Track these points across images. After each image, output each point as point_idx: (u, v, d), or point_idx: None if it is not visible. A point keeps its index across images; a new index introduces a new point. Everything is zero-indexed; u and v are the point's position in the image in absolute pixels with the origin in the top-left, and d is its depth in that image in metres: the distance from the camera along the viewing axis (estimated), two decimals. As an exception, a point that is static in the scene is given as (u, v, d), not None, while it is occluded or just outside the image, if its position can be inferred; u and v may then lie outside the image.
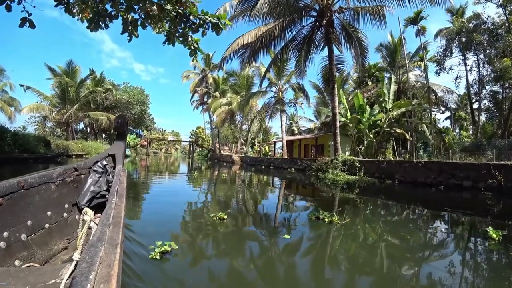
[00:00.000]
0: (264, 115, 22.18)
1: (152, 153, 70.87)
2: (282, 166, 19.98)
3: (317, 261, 3.26)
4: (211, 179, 13.61)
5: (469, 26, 23.62)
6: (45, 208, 1.93)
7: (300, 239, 3.88)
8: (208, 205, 6.58)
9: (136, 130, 52.07)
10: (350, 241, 3.95)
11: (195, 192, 9.12)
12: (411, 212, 6.51)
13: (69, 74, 30.29)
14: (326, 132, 25.27)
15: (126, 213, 1.69)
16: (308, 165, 16.54)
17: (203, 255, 3.17)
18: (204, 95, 40.63)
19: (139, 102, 40.53)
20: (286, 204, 7.05)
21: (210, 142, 58.87)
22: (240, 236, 4.11)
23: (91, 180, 2.48)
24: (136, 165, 22.05)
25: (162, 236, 3.25)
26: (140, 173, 14.88)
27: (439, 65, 23.95)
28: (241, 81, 31.26)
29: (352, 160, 13.68)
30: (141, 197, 6.96)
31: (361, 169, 13.11)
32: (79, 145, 20.82)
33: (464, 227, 5.10)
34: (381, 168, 12.53)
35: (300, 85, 21.02)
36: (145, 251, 2.88)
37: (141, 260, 2.69)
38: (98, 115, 31.98)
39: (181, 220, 4.83)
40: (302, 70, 18.24)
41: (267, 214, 5.81)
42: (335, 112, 14.62)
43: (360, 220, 5.08)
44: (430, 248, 3.82)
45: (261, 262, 3.10)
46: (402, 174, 11.64)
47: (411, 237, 4.11)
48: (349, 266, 3.09)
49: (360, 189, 9.84)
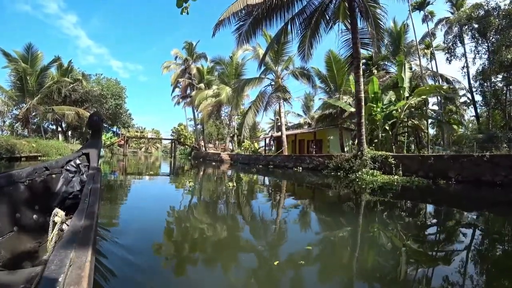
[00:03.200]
0: (259, 106, 19.15)
1: (131, 152, 66.04)
2: (285, 164, 17.03)
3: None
4: (198, 186, 10.49)
5: (480, 12, 22.09)
6: (14, 210, 1.85)
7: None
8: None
9: (112, 128, 47.23)
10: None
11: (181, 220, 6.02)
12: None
13: (28, 60, 25.69)
14: (329, 125, 22.70)
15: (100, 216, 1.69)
16: (321, 163, 13.72)
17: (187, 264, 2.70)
18: (187, 87, 36.96)
19: (114, 96, 35.99)
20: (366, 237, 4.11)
21: (193, 140, 55.22)
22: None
23: (63, 180, 2.38)
24: (111, 166, 18.40)
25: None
26: (109, 177, 11.47)
27: (450, 52, 22.11)
28: (230, 70, 27.98)
29: (384, 155, 11.00)
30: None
31: (398, 167, 10.46)
32: (33, 144, 16.62)
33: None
34: (427, 165, 9.93)
35: (305, 69, 18.11)
36: (123, 252, 2.64)
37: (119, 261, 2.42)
38: (65, 109, 27.51)
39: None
40: (307, 52, 15.41)
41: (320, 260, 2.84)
42: (359, 97, 11.87)
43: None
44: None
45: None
46: (459, 171, 9.07)
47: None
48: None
49: (422, 194, 7.12)
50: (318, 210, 5.65)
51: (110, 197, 6.15)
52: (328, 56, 19.21)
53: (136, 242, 3.11)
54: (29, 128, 27.93)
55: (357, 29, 12.22)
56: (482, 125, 23.10)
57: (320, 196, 7.52)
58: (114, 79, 37.88)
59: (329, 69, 19.54)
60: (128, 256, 2.58)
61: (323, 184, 9.67)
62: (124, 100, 39.05)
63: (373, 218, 4.78)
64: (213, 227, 3.98)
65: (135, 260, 2.53)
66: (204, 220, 4.50)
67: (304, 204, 6.24)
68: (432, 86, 14.89)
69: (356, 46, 12.07)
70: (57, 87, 26.71)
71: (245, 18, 13.31)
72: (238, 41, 13.64)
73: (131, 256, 2.58)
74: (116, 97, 36.43)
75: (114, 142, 45.67)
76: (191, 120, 54.67)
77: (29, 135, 26.33)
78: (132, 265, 2.43)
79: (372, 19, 13.45)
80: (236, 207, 5.66)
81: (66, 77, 29.75)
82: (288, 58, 20.18)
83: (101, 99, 34.05)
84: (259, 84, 19.21)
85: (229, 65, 28.09)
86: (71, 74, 31.13)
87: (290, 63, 20.22)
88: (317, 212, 5.44)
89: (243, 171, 15.75)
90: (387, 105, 16.62)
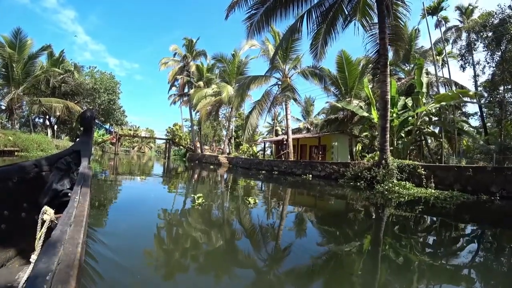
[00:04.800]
0: (264, 106, 17.75)
1: (123, 151, 63.82)
2: (292, 171, 15.55)
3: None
4: (216, 207, 9.06)
5: (494, 20, 21.34)
6: (1, 207, 1.86)
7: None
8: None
9: (104, 125, 45.20)
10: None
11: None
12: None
13: (15, 46, 23.82)
14: (335, 130, 21.42)
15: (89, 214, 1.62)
16: (335, 171, 12.34)
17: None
18: (185, 85, 35.40)
19: (107, 90, 34.11)
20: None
21: (188, 141, 53.53)
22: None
23: (53, 178, 2.28)
24: (99, 165, 16.76)
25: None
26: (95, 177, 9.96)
27: (463, 59, 21.21)
28: (231, 68, 26.55)
29: (413, 165, 9.68)
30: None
31: (429, 179, 9.16)
32: (9, 137, 14.73)
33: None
34: (465, 177, 8.64)
35: (317, 68, 16.73)
36: (112, 253, 2.62)
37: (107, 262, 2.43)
38: (53, 101, 25.57)
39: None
40: (320, 50, 14.16)
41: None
42: (386, 98, 10.57)
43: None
44: None
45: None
46: (502, 185, 7.81)
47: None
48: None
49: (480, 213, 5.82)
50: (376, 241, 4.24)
51: (99, 197, 5.86)
52: (339, 56, 18.00)
53: (125, 243, 3.07)
54: (13, 120, 25.94)
55: (386, 23, 10.96)
56: (492, 135, 22.17)
57: (361, 216, 6.13)
58: (108, 73, 36.06)
59: (340, 70, 18.31)
60: (116, 258, 2.54)
61: (349, 197, 8.29)
62: (118, 95, 37.20)
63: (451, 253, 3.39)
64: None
65: (123, 262, 2.50)
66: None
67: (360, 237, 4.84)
68: (455, 91, 13.73)
69: (384, 42, 10.80)
70: (45, 76, 24.80)
71: (257, 6, 12.01)
72: (248, 31, 12.32)
73: (119, 258, 2.55)
74: (110, 92, 34.59)
75: (105, 140, 43.61)
76: (186, 121, 53.09)
77: (12, 128, 24.38)
78: (120, 267, 2.40)
79: (392, 18, 12.35)
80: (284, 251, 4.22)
81: (57, 67, 27.90)
82: (296, 57, 18.90)
83: (93, 93, 32.21)
84: (265, 82, 17.86)
85: (231, 63, 26.67)
86: (62, 65, 29.28)
87: (298, 62, 18.92)
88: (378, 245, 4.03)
89: (248, 177, 14.13)
90: (403, 111, 15.47)
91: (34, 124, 30.90)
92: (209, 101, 26.76)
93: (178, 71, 35.11)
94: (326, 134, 22.41)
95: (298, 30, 13.31)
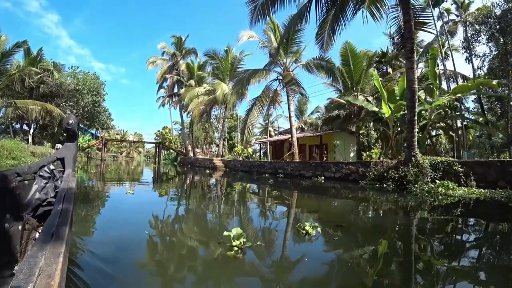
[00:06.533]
0: (265, 102, 16.23)
1: (111, 157, 60.99)
2: (301, 173, 13.96)
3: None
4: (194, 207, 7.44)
5: (495, 11, 20.65)
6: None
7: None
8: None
9: (90, 130, 42.66)
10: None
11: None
12: None
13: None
14: (337, 128, 20.11)
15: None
16: (353, 172, 10.88)
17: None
18: (174, 85, 33.56)
19: (91, 91, 31.85)
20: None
21: (178, 144, 51.45)
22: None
23: (36, 187, 2.12)
24: (85, 172, 14.86)
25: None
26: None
27: (469, 51, 20.34)
28: (225, 65, 24.90)
29: (447, 162, 8.36)
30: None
31: (468, 176, 7.85)
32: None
33: None
34: (509, 172, 7.43)
35: (323, 60, 15.20)
36: (99, 262, 2.45)
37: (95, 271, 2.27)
38: (29, 103, 23.36)
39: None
40: (327, 40, 12.76)
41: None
42: (413, 88, 9.20)
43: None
44: None
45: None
46: None
47: None
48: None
49: None
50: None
51: (85, 206, 5.38)
52: (344, 48, 16.66)
53: (114, 252, 2.89)
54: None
55: (410, 4, 9.63)
56: (498, 128, 21.39)
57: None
58: (92, 73, 33.78)
59: (344, 63, 16.97)
60: (104, 267, 2.39)
61: (392, 201, 6.82)
62: (103, 97, 34.91)
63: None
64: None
65: (111, 271, 2.36)
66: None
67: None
68: (475, 81, 12.55)
69: (409, 25, 9.46)
70: (20, 76, 22.58)
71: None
72: (252, 15, 10.94)
73: (107, 267, 2.40)
74: (94, 93, 32.33)
75: (91, 145, 41.06)
76: (176, 124, 51.11)
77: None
78: (108, 276, 2.26)
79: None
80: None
81: (35, 67, 25.67)
82: (297, 50, 17.46)
83: (76, 94, 29.95)
84: (266, 76, 16.31)
85: (224, 59, 25.04)
86: (40, 64, 27.00)
87: (299, 55, 17.49)
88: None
89: (256, 182, 12.36)
90: (426, 103, 14.28)
91: (15, 130, 28.46)
92: (201, 100, 25.05)
93: (167, 70, 33.28)
94: (328, 132, 21.08)
95: (305, 16, 11.93)
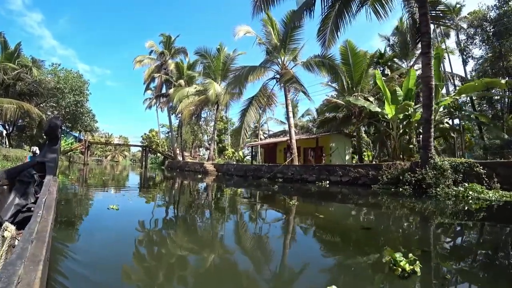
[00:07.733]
0: (262, 102, 15.24)
1: (95, 161, 58.43)
2: (303, 177, 12.93)
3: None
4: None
5: (491, 14, 20.68)
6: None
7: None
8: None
9: (72, 132, 40.35)
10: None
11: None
12: None
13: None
14: (334, 130, 19.36)
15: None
16: (363, 175, 9.97)
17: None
18: (162, 85, 32.15)
19: (74, 90, 30.00)
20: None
21: (166, 148, 49.74)
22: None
23: (15, 192, 2.15)
24: (66, 177, 13.38)
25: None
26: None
27: (464, 53, 20.15)
28: (217, 64, 23.80)
29: (468, 163, 7.59)
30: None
31: (492, 178, 7.12)
32: None
33: None
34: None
35: (326, 57, 14.28)
36: (84, 269, 2.36)
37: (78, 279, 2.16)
38: (4, 102, 21.48)
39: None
40: (329, 36, 11.94)
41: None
42: (430, 85, 8.47)
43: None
44: None
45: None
46: None
47: None
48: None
49: None
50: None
51: (68, 211, 5.15)
52: (344, 47, 15.94)
53: (99, 259, 2.74)
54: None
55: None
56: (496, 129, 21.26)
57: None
58: (75, 72, 31.95)
59: (344, 62, 16.23)
60: (88, 274, 2.28)
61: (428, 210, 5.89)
62: (87, 97, 33.08)
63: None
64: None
65: (95, 278, 2.24)
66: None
67: None
68: (482, 81, 12.01)
69: (426, 18, 8.76)
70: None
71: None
72: (254, 5, 9.98)
73: (91, 274, 2.30)
74: (77, 93, 30.52)
75: (74, 148, 38.80)
76: (163, 126, 49.42)
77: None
78: (92, 283, 2.16)
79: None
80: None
81: (12, 62, 23.83)
82: (295, 48, 16.61)
83: (56, 93, 28.10)
84: (263, 74, 15.33)
85: (216, 58, 23.95)
86: (18, 60, 25.14)
87: (297, 53, 16.65)
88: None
89: (258, 188, 11.13)
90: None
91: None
92: (192, 101, 23.84)
93: (155, 69, 31.89)
94: (325, 134, 20.30)
95: (310, 9, 11.10)
